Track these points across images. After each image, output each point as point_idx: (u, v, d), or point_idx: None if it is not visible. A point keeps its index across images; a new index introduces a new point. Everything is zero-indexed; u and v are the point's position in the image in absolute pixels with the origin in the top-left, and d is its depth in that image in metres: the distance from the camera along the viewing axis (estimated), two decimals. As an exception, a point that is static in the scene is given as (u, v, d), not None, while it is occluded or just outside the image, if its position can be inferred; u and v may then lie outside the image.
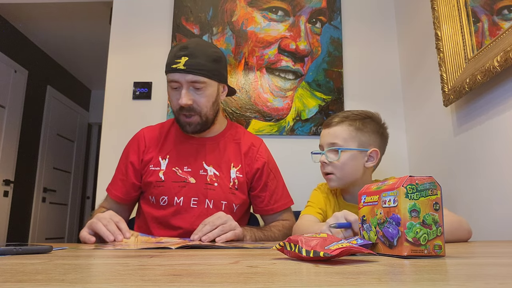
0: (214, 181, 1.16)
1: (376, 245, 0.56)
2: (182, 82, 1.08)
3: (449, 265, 0.44)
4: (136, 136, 1.24)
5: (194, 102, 1.10)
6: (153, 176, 1.15)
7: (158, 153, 1.18)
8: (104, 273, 0.38)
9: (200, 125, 1.14)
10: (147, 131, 1.24)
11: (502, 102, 1.12)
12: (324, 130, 1.17)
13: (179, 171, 1.16)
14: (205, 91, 1.11)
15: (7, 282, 0.31)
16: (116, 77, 1.93)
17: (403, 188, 0.52)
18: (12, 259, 0.48)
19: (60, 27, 3.47)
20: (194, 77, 1.08)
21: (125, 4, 2.00)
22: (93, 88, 4.97)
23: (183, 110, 1.11)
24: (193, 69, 1.07)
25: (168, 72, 1.10)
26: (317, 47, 1.92)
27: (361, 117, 1.14)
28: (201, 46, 1.12)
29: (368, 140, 1.12)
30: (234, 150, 1.22)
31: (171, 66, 1.08)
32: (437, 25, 1.41)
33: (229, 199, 1.16)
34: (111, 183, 1.22)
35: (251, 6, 1.96)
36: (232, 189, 1.17)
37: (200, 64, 1.08)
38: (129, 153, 1.21)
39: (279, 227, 1.17)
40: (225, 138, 1.23)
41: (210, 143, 1.21)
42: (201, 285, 0.30)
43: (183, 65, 1.06)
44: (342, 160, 1.10)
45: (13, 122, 3.40)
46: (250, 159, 1.22)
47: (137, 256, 0.53)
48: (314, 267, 0.42)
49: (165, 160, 1.17)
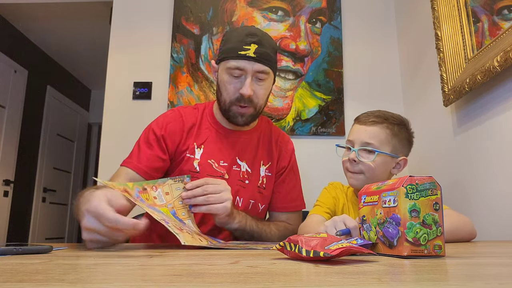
0: (246, 178, 1.11)
1: (376, 245, 0.56)
2: (248, 70, 1.00)
3: (449, 265, 0.44)
4: (172, 117, 1.12)
5: (254, 93, 1.03)
6: (188, 164, 1.07)
7: (194, 140, 1.10)
8: (104, 273, 0.38)
9: (251, 117, 1.07)
10: (185, 114, 1.12)
11: (502, 102, 1.12)
12: (359, 126, 1.10)
13: (215, 164, 1.09)
14: (265, 83, 1.05)
15: (7, 282, 0.31)
16: (116, 77, 1.93)
17: (403, 188, 0.52)
18: (12, 259, 0.48)
19: (60, 27, 3.47)
20: (262, 67, 1.01)
21: (125, 4, 2.00)
22: (93, 88, 4.97)
23: (241, 101, 1.03)
24: (262, 58, 1.00)
25: (233, 58, 1.01)
26: (317, 47, 1.92)
27: (398, 121, 1.09)
28: (266, 35, 1.05)
29: (400, 147, 1.09)
30: (265, 146, 1.17)
31: (239, 52, 1.00)
32: (437, 25, 1.41)
33: (256, 198, 1.11)
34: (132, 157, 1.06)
35: (251, 6, 1.96)
36: (260, 188, 1.12)
37: (268, 54, 1.02)
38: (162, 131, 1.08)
39: (280, 227, 1.11)
40: (258, 133, 1.17)
41: (245, 137, 1.14)
42: (201, 285, 0.30)
43: (254, 52, 0.99)
44: (375, 163, 1.05)
45: (13, 122, 3.40)
46: (279, 157, 1.17)
47: (137, 256, 0.54)
48: (314, 267, 0.42)
49: (200, 150, 1.09)
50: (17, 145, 3.46)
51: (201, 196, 0.85)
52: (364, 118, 1.10)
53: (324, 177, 1.36)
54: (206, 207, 0.85)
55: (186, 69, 1.90)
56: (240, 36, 1.02)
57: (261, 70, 1.01)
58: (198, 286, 0.30)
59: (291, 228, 1.14)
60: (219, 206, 0.86)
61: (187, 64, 1.91)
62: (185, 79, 1.89)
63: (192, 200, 0.84)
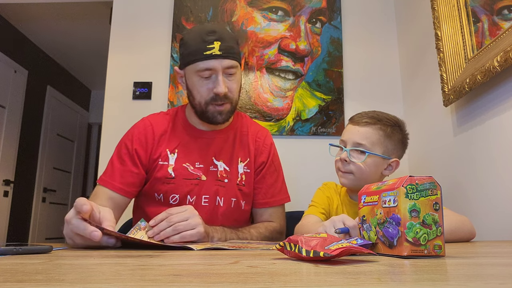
0: (225, 177, 1.10)
1: (376, 245, 0.56)
2: (217, 68, 0.99)
3: (449, 265, 0.44)
4: (142, 127, 1.11)
5: (228, 89, 1.02)
6: (162, 171, 1.06)
7: (166, 146, 1.09)
8: (104, 273, 0.38)
9: (230, 113, 1.06)
10: (155, 122, 1.12)
11: (502, 102, 1.12)
12: (352, 126, 1.10)
13: (190, 167, 1.08)
14: (236, 77, 1.03)
15: (7, 282, 0.31)
16: (116, 77, 1.93)
17: (403, 188, 0.52)
18: (12, 259, 0.48)
19: (60, 27, 3.47)
20: (230, 62, 1.00)
21: (125, 4, 2.00)
22: (93, 88, 4.97)
23: (217, 100, 1.02)
24: (228, 54, 0.99)
25: (200, 59, 0.99)
26: (317, 47, 1.92)
27: (392, 123, 1.09)
28: (224, 29, 1.04)
29: (393, 149, 1.09)
30: (242, 143, 1.15)
31: (204, 52, 0.98)
32: (437, 25, 1.41)
33: (238, 196, 1.10)
34: (106, 175, 1.06)
35: (251, 6, 1.96)
36: (240, 185, 1.11)
37: (231, 47, 1.00)
38: (133, 144, 1.08)
39: (260, 229, 1.07)
40: (233, 131, 1.16)
41: (220, 136, 1.13)
42: (201, 285, 0.30)
43: (218, 50, 0.97)
44: (365, 163, 1.06)
45: (13, 122, 3.40)
46: (256, 152, 1.16)
47: (137, 256, 0.53)
48: (314, 267, 0.42)
49: (173, 155, 1.08)
50: (17, 145, 3.46)
51: (167, 227, 0.80)
52: (357, 119, 1.10)
53: (324, 177, 1.36)
54: (179, 236, 0.80)
55: (186, 69, 1.90)
56: (200, 36, 1.00)
57: (230, 65, 1.01)
58: (198, 286, 0.30)
59: (271, 227, 1.11)
60: (192, 232, 0.81)
61: (187, 64, 1.91)
62: (185, 79, 1.89)
63: (161, 234, 0.79)
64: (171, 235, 0.79)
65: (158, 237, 0.80)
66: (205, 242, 0.85)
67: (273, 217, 1.16)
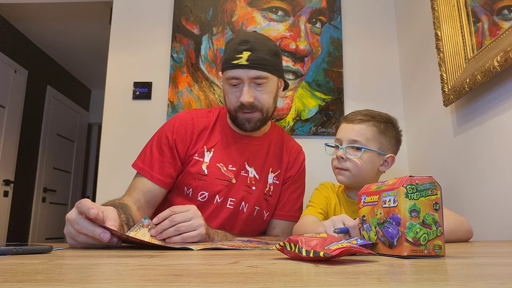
0: (253, 184, 1.11)
1: (376, 245, 0.56)
2: (244, 78, 1.02)
3: (449, 265, 0.44)
4: (184, 120, 1.13)
5: (255, 99, 1.04)
6: (196, 167, 1.08)
7: (204, 143, 1.11)
8: (104, 273, 0.38)
9: (260, 121, 1.08)
10: (196, 118, 1.14)
11: (502, 102, 1.12)
12: (346, 125, 1.12)
13: (223, 168, 1.09)
14: (266, 87, 1.05)
15: (7, 282, 0.31)
16: (116, 77, 1.93)
17: (403, 188, 0.52)
18: (12, 259, 0.48)
19: (60, 27, 3.47)
20: (257, 73, 1.02)
21: (125, 4, 2.00)
22: (93, 88, 4.97)
23: (243, 108, 1.04)
24: (256, 64, 1.01)
25: (228, 68, 1.03)
26: (317, 47, 1.92)
27: (385, 119, 1.12)
28: (261, 40, 1.05)
29: (387, 145, 1.11)
30: (275, 154, 1.17)
31: (232, 62, 1.01)
32: (437, 25, 1.41)
33: (262, 206, 1.12)
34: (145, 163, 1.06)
35: (251, 6, 1.96)
36: (267, 195, 1.13)
37: (262, 58, 1.02)
38: (174, 134, 1.09)
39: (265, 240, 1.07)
40: (269, 140, 1.18)
41: (256, 143, 1.15)
42: (201, 285, 0.30)
43: (246, 60, 1.00)
44: (362, 159, 1.08)
45: (13, 122, 3.40)
46: (288, 166, 1.18)
47: (137, 256, 0.53)
48: (314, 267, 0.42)
49: (209, 153, 1.10)
50: (17, 145, 3.46)
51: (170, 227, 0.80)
52: (351, 117, 1.13)
53: (324, 177, 1.36)
54: (180, 237, 0.80)
55: (186, 69, 1.90)
56: (234, 45, 1.04)
57: (257, 76, 1.02)
58: (198, 286, 0.30)
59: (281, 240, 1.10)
60: (194, 234, 0.81)
61: (187, 64, 1.91)
62: (185, 79, 1.89)
63: (163, 234, 0.79)
64: (173, 235, 0.80)
65: (160, 236, 0.80)
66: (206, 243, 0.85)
67: (284, 232, 1.16)
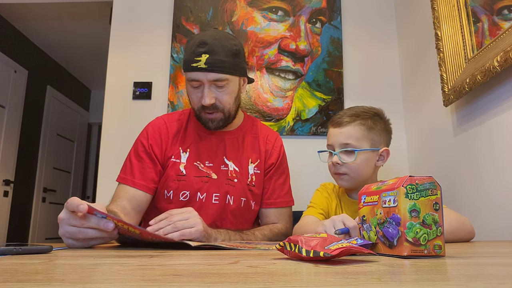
0: (234, 177, 1.13)
1: (376, 245, 0.56)
2: (204, 81, 1.03)
3: (449, 265, 0.44)
4: (156, 126, 1.16)
5: (217, 100, 1.06)
6: (173, 169, 1.10)
7: (179, 145, 1.13)
8: (104, 273, 0.38)
9: (222, 121, 1.10)
10: (169, 122, 1.17)
11: (502, 102, 1.12)
12: (334, 130, 1.12)
13: (200, 165, 1.11)
14: (227, 88, 1.06)
15: (7, 282, 0.31)
16: (116, 77, 1.93)
17: (403, 188, 0.52)
18: (12, 259, 0.48)
19: (60, 27, 3.47)
20: (216, 75, 1.02)
21: (125, 4, 2.00)
22: (93, 88, 4.97)
23: (205, 109, 1.06)
24: (214, 67, 1.01)
25: (187, 70, 1.04)
26: (317, 47, 1.92)
27: (371, 114, 1.11)
28: (220, 41, 1.04)
29: (379, 139, 1.11)
30: (252, 144, 1.19)
31: (191, 64, 1.02)
32: (437, 25, 1.41)
33: (248, 196, 1.13)
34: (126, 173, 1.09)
35: (251, 6, 1.96)
36: (250, 186, 1.14)
37: (220, 61, 1.02)
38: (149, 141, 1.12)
39: (265, 231, 1.10)
40: (243, 132, 1.20)
41: (230, 137, 1.17)
42: (201, 285, 0.30)
43: (204, 63, 1.01)
44: (357, 161, 1.07)
45: (13, 122, 3.40)
46: (266, 154, 1.19)
47: (137, 256, 0.53)
48: (314, 267, 0.42)
49: (185, 153, 1.12)
50: (17, 145, 3.46)
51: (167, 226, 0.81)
52: (337, 120, 1.12)
53: (324, 177, 1.36)
54: (178, 233, 0.80)
55: (186, 69, 1.90)
56: (192, 46, 1.04)
57: (216, 79, 1.03)
58: (198, 286, 0.30)
59: (277, 229, 1.13)
60: (192, 230, 0.82)
61: (187, 64, 1.91)
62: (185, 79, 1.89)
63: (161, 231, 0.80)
64: (170, 232, 0.80)
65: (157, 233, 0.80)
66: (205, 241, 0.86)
67: (278, 218, 1.18)
